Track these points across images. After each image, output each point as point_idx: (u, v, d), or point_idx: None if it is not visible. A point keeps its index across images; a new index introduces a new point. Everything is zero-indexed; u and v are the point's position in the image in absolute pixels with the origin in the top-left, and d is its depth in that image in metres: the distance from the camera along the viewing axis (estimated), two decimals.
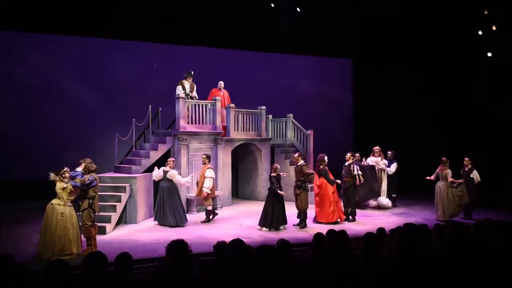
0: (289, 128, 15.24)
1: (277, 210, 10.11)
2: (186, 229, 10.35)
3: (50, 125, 14.84)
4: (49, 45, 14.99)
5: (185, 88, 12.71)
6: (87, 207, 8.34)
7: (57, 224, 7.86)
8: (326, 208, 10.75)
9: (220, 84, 13.72)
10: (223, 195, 13.19)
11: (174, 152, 12.41)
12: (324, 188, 10.78)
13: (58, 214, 7.91)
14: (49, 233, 7.83)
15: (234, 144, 13.81)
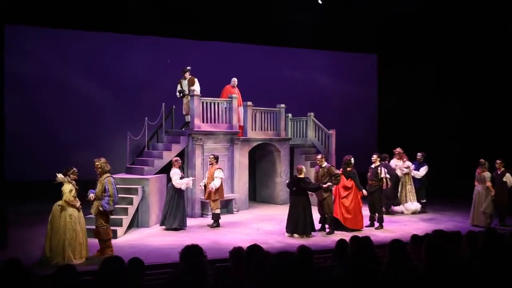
0: (310, 128, 15.17)
1: (309, 215, 10.03)
2: (201, 233, 10.38)
3: (59, 123, 15.05)
4: (58, 40, 15.19)
5: (182, 85, 12.81)
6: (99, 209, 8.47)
7: (65, 227, 7.93)
8: (358, 214, 10.61)
9: (234, 81, 13.70)
10: (239, 198, 13.19)
11: (188, 152, 12.47)
12: (355, 191, 10.65)
13: (66, 216, 7.99)
14: (56, 236, 7.88)
15: (252, 144, 13.80)
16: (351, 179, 10.63)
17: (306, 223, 9.98)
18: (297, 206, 10.01)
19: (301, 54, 18.12)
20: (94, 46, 15.47)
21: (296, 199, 10.12)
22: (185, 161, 12.25)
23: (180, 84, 12.90)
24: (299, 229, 9.96)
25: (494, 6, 14.74)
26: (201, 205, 12.40)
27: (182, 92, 12.84)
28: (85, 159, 13.15)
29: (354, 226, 10.54)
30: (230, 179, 13.01)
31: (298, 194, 10.07)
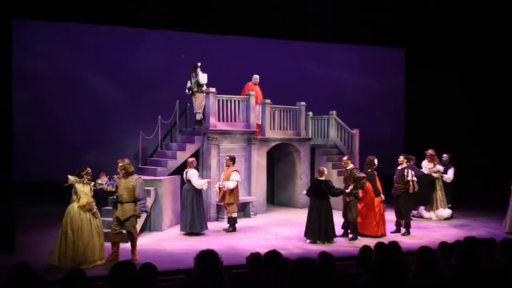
0: (332, 127, 15.11)
1: (330, 220, 10.00)
2: (216, 238, 10.42)
3: (68, 122, 15.25)
4: (68, 35, 15.36)
5: (192, 82, 12.84)
6: (133, 212, 8.64)
7: (84, 230, 8.03)
8: (370, 219, 10.53)
9: (256, 78, 13.76)
10: (257, 201, 13.21)
11: (203, 152, 12.53)
12: (369, 194, 10.59)
13: (87, 219, 8.10)
14: (70, 240, 7.95)
15: (270, 145, 13.81)
16: (369, 182, 10.56)
17: (328, 229, 9.95)
18: (318, 210, 9.98)
19: (323, 49, 18.01)
20: (105, 40, 15.63)
21: (317, 203, 10.08)
22: (200, 162, 12.31)
23: (190, 81, 12.94)
24: (319, 235, 9.93)
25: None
26: (216, 208, 12.45)
27: (191, 89, 12.85)
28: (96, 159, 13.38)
29: (365, 231, 10.51)
30: (247, 181, 13.03)
31: (319, 197, 10.03)
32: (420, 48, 17.92)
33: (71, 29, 15.33)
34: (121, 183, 8.62)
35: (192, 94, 12.92)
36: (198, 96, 12.79)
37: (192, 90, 12.84)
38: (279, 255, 4.51)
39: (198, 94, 12.78)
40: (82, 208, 8.14)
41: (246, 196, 12.88)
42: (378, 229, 10.55)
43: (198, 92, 12.75)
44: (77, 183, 8.23)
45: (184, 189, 10.85)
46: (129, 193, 8.55)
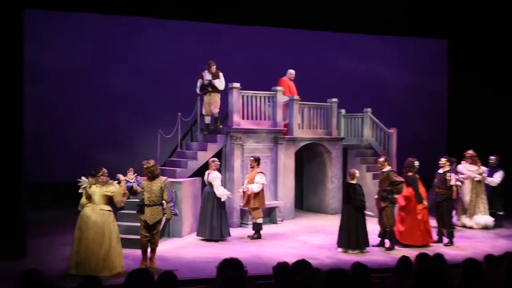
0: (366, 126, 15.01)
1: (362, 227, 9.92)
2: (240, 246, 10.44)
3: (82, 120, 15.49)
4: (83, 26, 15.61)
5: (204, 80, 12.67)
6: (161, 216, 8.77)
7: (107, 235, 8.09)
8: (413, 228, 10.38)
9: (291, 74, 13.83)
10: (284, 206, 13.18)
11: (226, 153, 12.56)
12: (412, 201, 10.45)
13: (109, 223, 8.17)
14: (91, 246, 7.99)
15: (298, 145, 13.77)
16: (410, 187, 10.41)
17: (359, 236, 9.87)
18: (348, 216, 9.93)
19: (357, 41, 17.91)
20: (122, 33, 15.83)
21: (347, 208, 10.03)
22: (223, 163, 12.34)
23: (201, 78, 12.72)
24: (349, 243, 9.87)
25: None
26: (240, 213, 12.47)
27: (203, 87, 12.66)
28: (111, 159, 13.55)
29: (407, 241, 10.36)
30: (273, 184, 13.02)
31: (349, 202, 9.98)
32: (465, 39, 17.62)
33: (87, 20, 15.57)
34: (146, 185, 8.71)
35: (205, 94, 12.72)
36: (214, 96, 12.68)
37: (205, 88, 12.66)
38: (308, 265, 4.48)
39: (214, 94, 12.67)
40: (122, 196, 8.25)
41: (272, 200, 12.86)
42: (423, 238, 10.41)
43: (214, 92, 12.64)
44: (92, 185, 8.28)
45: (205, 191, 10.90)
46: (157, 195, 8.66)
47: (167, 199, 8.69)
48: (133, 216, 9.49)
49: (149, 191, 8.67)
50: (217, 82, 12.55)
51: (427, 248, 10.10)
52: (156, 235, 8.76)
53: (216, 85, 12.53)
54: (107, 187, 8.31)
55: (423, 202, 10.45)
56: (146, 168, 8.75)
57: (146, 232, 8.68)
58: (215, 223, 10.65)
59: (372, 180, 13.32)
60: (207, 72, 12.66)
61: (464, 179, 12.39)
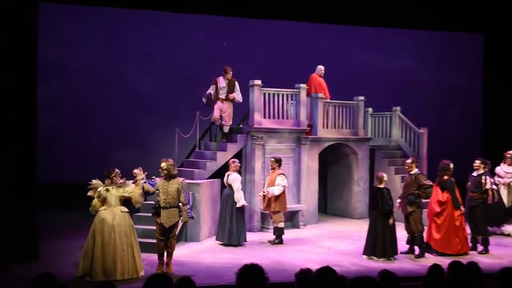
0: (395, 125, 14.93)
1: (390, 233, 9.87)
2: (260, 251, 10.47)
3: (96, 118, 15.65)
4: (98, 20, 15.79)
5: (219, 87, 12.53)
6: (178, 219, 8.80)
7: (128, 237, 8.18)
8: (451, 235, 10.25)
9: (320, 70, 13.86)
10: (307, 210, 13.18)
11: (246, 153, 12.60)
12: (450, 206, 10.33)
13: (130, 225, 8.27)
14: (107, 249, 8.07)
15: (323, 145, 13.75)
16: (447, 191, 10.30)
17: (385, 243, 9.83)
18: (376, 222, 9.89)
19: (385, 35, 17.79)
20: (138, 27, 15.96)
21: (374, 213, 10.01)
22: (243, 164, 12.38)
23: (215, 85, 12.61)
24: (375, 250, 9.83)
25: None
26: (260, 217, 12.49)
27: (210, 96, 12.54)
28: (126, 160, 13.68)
29: (444, 250, 10.24)
30: (296, 186, 13.02)
31: (375, 207, 9.95)
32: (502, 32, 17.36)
33: (102, 14, 15.74)
34: (162, 186, 8.69)
35: (216, 102, 12.60)
36: (227, 107, 12.61)
37: (219, 98, 12.51)
38: (333, 273, 4.47)
39: (227, 103, 12.61)
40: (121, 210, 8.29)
41: (294, 204, 12.86)
42: (461, 247, 10.31)
43: (226, 100, 12.59)
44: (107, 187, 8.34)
45: (224, 194, 10.95)
46: (174, 197, 8.65)
47: (184, 201, 8.71)
48: (149, 219, 9.57)
49: (165, 192, 8.65)
50: (236, 96, 12.56)
51: (460, 257, 10.01)
52: (172, 238, 8.79)
53: (237, 99, 12.59)
54: (124, 188, 8.39)
55: (461, 208, 10.34)
56: (163, 166, 8.74)
57: (162, 236, 8.71)
58: (234, 227, 10.70)
59: (401, 184, 13.21)
60: (222, 79, 12.60)
61: (504, 184, 12.26)
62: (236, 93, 12.58)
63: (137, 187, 8.44)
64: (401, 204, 10.41)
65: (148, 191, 8.61)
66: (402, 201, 10.38)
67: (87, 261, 8.12)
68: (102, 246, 8.07)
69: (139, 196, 8.41)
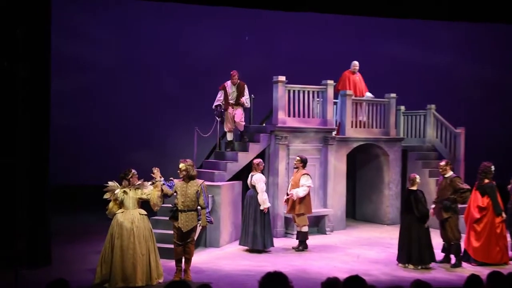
0: (430, 125, 14.84)
1: (426, 239, 9.82)
2: (284, 258, 10.48)
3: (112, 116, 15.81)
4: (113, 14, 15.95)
5: (227, 93, 12.62)
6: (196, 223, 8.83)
7: (147, 241, 8.25)
8: (491, 243, 10.13)
9: (355, 66, 13.92)
10: (334, 215, 13.16)
11: (269, 154, 12.62)
12: (490, 212, 10.20)
13: (147, 229, 8.32)
14: (127, 254, 8.11)
15: (351, 146, 13.71)
16: (487, 196, 10.18)
17: (421, 250, 9.77)
18: (410, 228, 9.82)
19: (418, 27, 17.65)
20: (156, 22, 16.08)
21: (407, 218, 9.93)
22: (266, 166, 12.35)
23: (224, 91, 12.70)
24: (410, 258, 9.77)
25: None
26: (284, 221, 12.50)
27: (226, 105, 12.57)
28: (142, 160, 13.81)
29: (485, 259, 10.13)
30: (322, 189, 13.01)
31: (412, 212, 9.87)
32: None
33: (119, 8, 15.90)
34: (181, 188, 8.72)
35: (227, 109, 12.64)
36: (236, 109, 12.62)
37: (229, 103, 12.58)
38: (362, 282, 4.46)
39: (237, 107, 12.62)
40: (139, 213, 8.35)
41: (320, 208, 12.84)
42: (502, 256, 10.20)
43: (237, 105, 12.62)
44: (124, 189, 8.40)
45: (248, 195, 10.98)
46: (193, 200, 8.68)
47: (203, 204, 8.73)
48: (166, 222, 9.63)
49: (183, 194, 8.67)
50: (245, 100, 12.62)
51: (500, 267, 9.90)
52: (190, 244, 8.81)
53: (245, 105, 12.64)
54: (142, 189, 8.41)
55: (502, 214, 10.23)
56: (181, 167, 8.76)
57: (179, 241, 8.74)
58: (258, 231, 10.72)
59: (435, 188, 13.12)
60: (230, 83, 12.68)
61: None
62: (245, 97, 12.64)
63: (155, 188, 8.46)
64: (436, 209, 10.33)
65: (166, 193, 8.61)
66: (437, 206, 10.30)
67: (105, 268, 8.14)
68: (121, 251, 8.09)
69: (157, 199, 8.43)
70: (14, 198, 9.14)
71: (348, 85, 13.77)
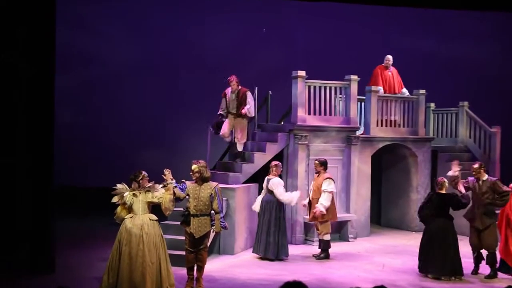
0: (462, 123, 14.78)
1: (455, 247, 9.78)
2: (303, 266, 10.47)
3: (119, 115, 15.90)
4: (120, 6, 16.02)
5: (228, 101, 12.43)
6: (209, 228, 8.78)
7: (157, 248, 8.23)
8: None
9: (388, 60, 13.94)
10: (357, 221, 13.13)
11: (288, 155, 12.61)
12: None
13: (157, 235, 8.26)
14: (136, 262, 8.07)
15: (376, 146, 13.67)
16: None
17: (454, 260, 9.72)
18: (438, 235, 9.77)
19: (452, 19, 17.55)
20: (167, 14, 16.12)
21: (439, 224, 9.84)
22: (284, 167, 12.38)
23: (225, 98, 12.53)
24: (443, 268, 9.68)
25: None
26: (304, 227, 12.49)
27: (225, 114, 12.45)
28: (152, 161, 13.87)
29: None
30: (345, 193, 12.99)
31: (439, 217, 9.83)
32: None
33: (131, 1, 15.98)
34: (193, 191, 8.71)
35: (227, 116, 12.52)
36: (240, 122, 12.44)
37: (230, 112, 12.43)
38: None
39: (239, 120, 12.44)
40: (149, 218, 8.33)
41: (343, 213, 12.80)
42: None
43: (238, 116, 12.39)
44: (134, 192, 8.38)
45: (264, 200, 10.98)
46: (206, 204, 8.67)
47: (217, 208, 8.70)
48: (178, 228, 9.61)
49: (196, 198, 8.65)
50: (248, 110, 12.26)
51: None
52: (203, 251, 8.80)
53: (248, 115, 12.31)
54: (153, 192, 8.34)
55: None
56: (194, 168, 8.74)
57: (191, 247, 8.74)
58: (272, 238, 10.73)
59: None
60: (230, 90, 12.49)
61: None
62: (248, 106, 12.27)
63: (167, 191, 8.37)
64: (476, 215, 10.18)
65: (178, 196, 8.55)
66: (477, 212, 10.17)
67: (112, 276, 8.11)
68: (130, 259, 8.04)
69: (169, 202, 8.33)
70: (15, 200, 9.22)
71: (381, 81, 13.73)
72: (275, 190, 10.74)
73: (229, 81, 12.36)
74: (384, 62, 14.02)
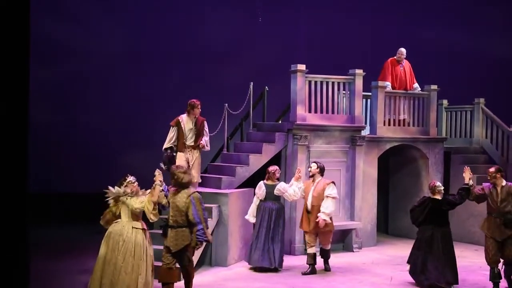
0: (478, 122, 14.83)
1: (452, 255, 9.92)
2: (302, 279, 10.46)
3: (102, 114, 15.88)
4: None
5: (184, 130, 10.95)
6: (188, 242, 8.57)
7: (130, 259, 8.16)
8: None
9: (401, 53, 13.99)
10: (362, 229, 13.15)
11: (286, 156, 12.61)
12: None
13: (137, 245, 8.19)
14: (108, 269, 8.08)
15: (383, 147, 13.68)
16: None
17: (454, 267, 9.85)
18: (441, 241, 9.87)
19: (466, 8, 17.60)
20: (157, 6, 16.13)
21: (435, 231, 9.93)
22: (282, 170, 12.36)
23: (177, 128, 11.01)
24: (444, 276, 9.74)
25: None
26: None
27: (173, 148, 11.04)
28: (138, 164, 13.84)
29: None
30: (348, 199, 13.01)
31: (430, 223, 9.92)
32: None
33: None
34: (172, 199, 8.61)
35: (181, 150, 11.00)
36: (197, 157, 11.12)
37: (185, 145, 10.98)
38: None
39: (195, 151, 11.09)
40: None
41: (347, 221, 12.86)
42: None
43: (195, 148, 11.06)
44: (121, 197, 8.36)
45: (266, 207, 10.95)
46: (182, 213, 8.52)
47: (193, 219, 8.43)
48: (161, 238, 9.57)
49: (173, 207, 8.54)
50: (205, 142, 11.07)
51: None
52: (189, 267, 8.70)
53: (204, 148, 11.13)
54: (137, 198, 8.30)
55: None
56: (171, 172, 8.64)
57: (168, 260, 8.56)
58: (268, 247, 10.75)
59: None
60: (186, 118, 11.05)
61: None
62: (206, 138, 11.18)
63: (150, 197, 8.26)
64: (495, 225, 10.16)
65: (160, 202, 8.46)
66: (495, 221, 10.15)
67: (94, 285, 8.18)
68: (103, 264, 8.13)
69: (151, 208, 8.22)
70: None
71: (390, 76, 13.75)
72: (286, 193, 10.78)
73: (193, 105, 11.02)
74: (397, 55, 14.04)
